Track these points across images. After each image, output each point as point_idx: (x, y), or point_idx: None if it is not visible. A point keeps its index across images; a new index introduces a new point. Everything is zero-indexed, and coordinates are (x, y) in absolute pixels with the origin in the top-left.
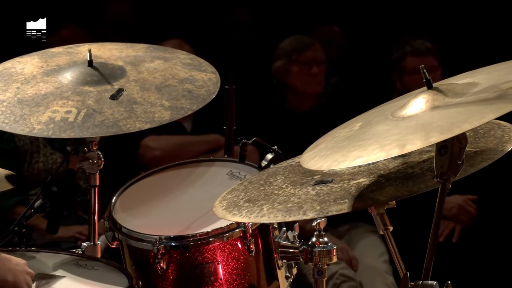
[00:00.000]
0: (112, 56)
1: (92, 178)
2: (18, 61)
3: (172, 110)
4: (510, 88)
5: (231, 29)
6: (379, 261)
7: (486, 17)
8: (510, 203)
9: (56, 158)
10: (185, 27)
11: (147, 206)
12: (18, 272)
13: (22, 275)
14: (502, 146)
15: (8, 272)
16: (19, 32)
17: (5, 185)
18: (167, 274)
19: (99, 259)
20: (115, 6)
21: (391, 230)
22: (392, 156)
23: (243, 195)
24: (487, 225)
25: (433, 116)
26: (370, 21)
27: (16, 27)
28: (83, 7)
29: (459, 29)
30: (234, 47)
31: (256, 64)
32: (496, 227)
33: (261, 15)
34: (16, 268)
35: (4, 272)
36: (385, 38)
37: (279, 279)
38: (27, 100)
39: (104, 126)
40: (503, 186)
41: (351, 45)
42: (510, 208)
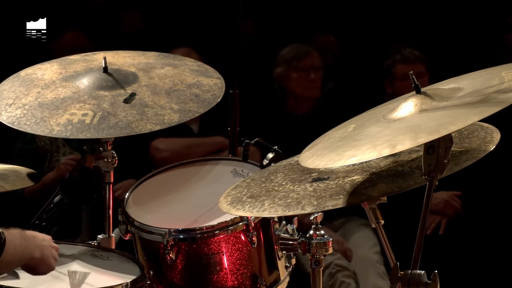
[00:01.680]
0: (126, 63)
1: (106, 175)
2: (39, 68)
3: (181, 113)
4: (492, 92)
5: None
6: (371, 252)
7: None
8: (491, 198)
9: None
10: (193, 37)
11: (157, 202)
12: (45, 247)
13: (48, 250)
14: (485, 146)
15: (35, 249)
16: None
17: (27, 182)
18: (176, 264)
19: (113, 250)
20: (129, 17)
21: (382, 224)
22: (384, 155)
23: (246, 191)
24: (471, 218)
25: (422, 119)
26: (363, 31)
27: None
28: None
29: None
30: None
31: (258, 70)
32: (479, 220)
33: (264, 26)
34: (43, 243)
35: (32, 248)
36: (377, 47)
37: (279, 269)
38: (47, 103)
39: (118, 127)
40: (486, 183)
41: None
42: (491, 203)
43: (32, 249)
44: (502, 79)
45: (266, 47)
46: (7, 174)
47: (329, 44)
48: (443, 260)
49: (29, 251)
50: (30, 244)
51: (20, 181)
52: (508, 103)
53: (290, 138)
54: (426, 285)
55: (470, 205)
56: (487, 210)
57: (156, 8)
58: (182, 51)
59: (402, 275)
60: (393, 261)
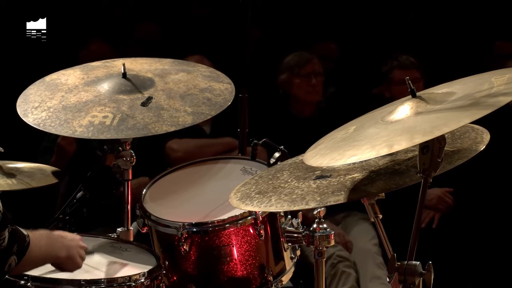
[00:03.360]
0: (143, 69)
1: (125, 173)
2: (63, 73)
3: (194, 115)
4: (482, 96)
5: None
6: (370, 244)
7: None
8: (481, 194)
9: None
10: (205, 45)
11: (172, 197)
12: (72, 247)
13: (75, 249)
14: (476, 146)
15: (62, 248)
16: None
17: (51, 179)
18: (190, 255)
19: (132, 242)
20: (145, 27)
21: (380, 218)
22: (382, 155)
23: (254, 187)
24: (462, 213)
25: (417, 121)
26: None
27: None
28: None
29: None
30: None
31: (265, 76)
32: (469, 215)
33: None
34: (70, 243)
35: (58, 248)
36: (375, 54)
37: (285, 260)
38: (70, 106)
39: (136, 129)
40: (476, 181)
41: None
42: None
43: (58, 249)
44: (492, 84)
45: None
46: (34, 172)
47: (330, 51)
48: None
49: (55, 251)
50: (56, 244)
51: (45, 178)
52: (497, 107)
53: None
54: (421, 275)
55: (461, 201)
56: (477, 206)
57: (171, 19)
58: (195, 58)
59: (399, 265)
60: (390, 253)
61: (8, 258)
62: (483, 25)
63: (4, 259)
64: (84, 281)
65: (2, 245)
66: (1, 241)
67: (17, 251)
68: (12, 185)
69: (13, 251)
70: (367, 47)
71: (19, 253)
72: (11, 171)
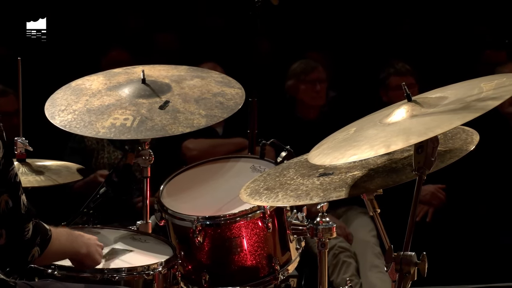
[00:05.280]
0: (161, 75)
1: (144, 170)
2: (87, 79)
3: (207, 118)
4: (472, 101)
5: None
6: (369, 235)
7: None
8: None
9: (117, 155)
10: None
11: (187, 193)
12: (91, 245)
13: (94, 247)
14: (466, 146)
15: (82, 245)
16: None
17: (77, 176)
18: (203, 246)
19: (150, 234)
20: (163, 36)
21: (378, 212)
22: (380, 154)
23: (262, 184)
24: (454, 208)
25: (412, 123)
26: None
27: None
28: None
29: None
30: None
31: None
32: (460, 209)
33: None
34: (89, 241)
35: (78, 245)
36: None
37: (291, 250)
38: (94, 109)
39: (154, 130)
40: (466, 178)
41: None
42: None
43: (78, 246)
44: (481, 89)
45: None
46: (60, 170)
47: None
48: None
49: (74, 247)
50: (76, 241)
51: (71, 175)
52: (486, 110)
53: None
54: (416, 264)
55: (453, 196)
56: (467, 201)
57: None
58: (209, 65)
59: (396, 255)
60: (387, 244)
61: (32, 249)
62: (473, 35)
63: (28, 249)
64: (106, 270)
65: (26, 237)
66: (25, 233)
67: (40, 243)
68: (40, 181)
69: (36, 242)
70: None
71: (41, 245)
72: (39, 168)
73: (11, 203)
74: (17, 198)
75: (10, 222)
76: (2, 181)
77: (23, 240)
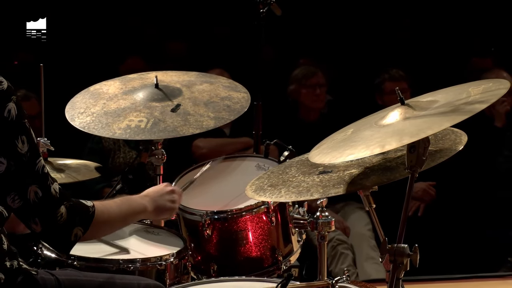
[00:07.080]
0: (172, 80)
1: (157, 169)
2: (105, 84)
3: (216, 120)
4: (461, 104)
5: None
6: (365, 229)
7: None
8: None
9: (132, 154)
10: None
11: (197, 189)
12: (155, 199)
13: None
14: (455, 146)
15: (146, 204)
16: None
17: (94, 174)
18: (212, 238)
19: (162, 227)
20: (174, 45)
21: (374, 207)
22: (375, 154)
23: (267, 181)
24: (443, 203)
25: (405, 124)
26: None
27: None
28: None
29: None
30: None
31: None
32: (449, 205)
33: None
34: (154, 196)
35: (141, 205)
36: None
37: (293, 243)
38: (111, 112)
39: (166, 131)
40: (455, 176)
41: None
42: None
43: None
44: (469, 94)
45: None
46: (80, 168)
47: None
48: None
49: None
50: (135, 203)
51: (89, 173)
52: (473, 113)
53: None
54: (409, 256)
55: (443, 193)
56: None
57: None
58: (216, 72)
59: (390, 247)
60: (382, 237)
61: (72, 230)
62: (462, 43)
63: (68, 231)
64: (122, 260)
65: (60, 221)
66: (58, 217)
67: (80, 222)
68: (61, 178)
69: (76, 222)
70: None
71: (83, 223)
72: (60, 166)
73: (41, 193)
74: (46, 188)
75: (42, 210)
76: (30, 173)
77: (58, 225)
